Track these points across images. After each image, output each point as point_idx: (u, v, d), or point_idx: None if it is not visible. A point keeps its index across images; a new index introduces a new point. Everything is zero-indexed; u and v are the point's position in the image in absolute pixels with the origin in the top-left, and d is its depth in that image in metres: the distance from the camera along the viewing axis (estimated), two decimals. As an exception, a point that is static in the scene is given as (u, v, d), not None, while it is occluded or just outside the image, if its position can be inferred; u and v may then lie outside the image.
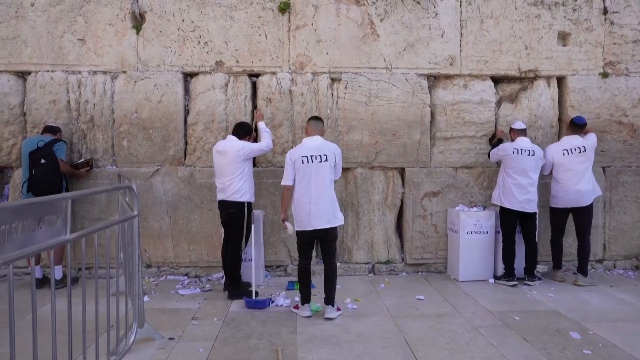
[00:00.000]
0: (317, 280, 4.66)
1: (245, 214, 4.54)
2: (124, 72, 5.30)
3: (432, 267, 5.56)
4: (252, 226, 4.68)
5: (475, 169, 5.57)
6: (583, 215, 5.10)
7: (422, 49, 5.47)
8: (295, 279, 4.89)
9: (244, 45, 5.35)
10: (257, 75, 5.45)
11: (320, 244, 4.29)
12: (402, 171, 5.54)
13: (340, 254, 5.57)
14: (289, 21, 5.38)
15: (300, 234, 4.19)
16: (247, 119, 5.38)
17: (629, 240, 5.69)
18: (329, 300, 4.18)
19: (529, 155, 4.92)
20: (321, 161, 4.12)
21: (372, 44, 5.43)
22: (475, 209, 5.32)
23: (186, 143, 5.40)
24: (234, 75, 5.40)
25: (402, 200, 5.55)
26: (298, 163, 4.12)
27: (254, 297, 4.39)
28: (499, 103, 5.70)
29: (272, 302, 4.44)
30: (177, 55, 5.33)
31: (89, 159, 5.16)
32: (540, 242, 5.50)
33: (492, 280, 5.16)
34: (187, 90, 5.44)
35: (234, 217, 4.52)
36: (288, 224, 4.27)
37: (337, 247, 4.40)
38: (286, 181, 4.19)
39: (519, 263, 5.11)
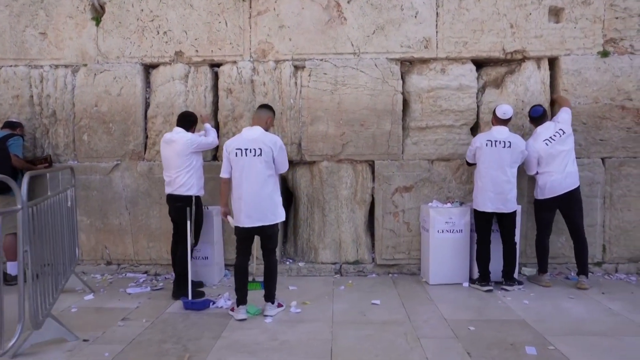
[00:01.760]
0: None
1: (193, 208, 4.31)
2: (85, 65, 5.20)
3: (405, 268, 5.12)
4: (200, 221, 4.45)
5: (453, 161, 5.07)
6: (574, 207, 4.53)
7: (393, 31, 5.02)
8: (255, 279, 4.63)
9: (203, 33, 5.12)
10: (219, 65, 5.20)
11: (260, 241, 4.02)
12: (372, 164, 5.12)
13: (307, 253, 5.24)
14: (250, 7, 5.09)
15: (236, 230, 3.93)
16: (207, 110, 5.15)
17: (633, 241, 5.00)
18: (268, 297, 3.96)
19: (504, 147, 4.38)
20: (255, 155, 3.81)
21: (339, 28, 5.05)
22: (449, 205, 4.82)
23: (147, 137, 5.24)
24: (195, 65, 5.17)
25: (372, 196, 5.14)
26: (232, 155, 3.88)
27: (190, 297, 4.13)
28: (483, 89, 5.16)
29: (213, 303, 4.18)
30: (137, 46, 5.17)
31: (46, 155, 5.10)
32: (528, 242, 4.96)
33: (466, 284, 4.67)
34: (149, 83, 5.28)
35: (181, 211, 4.31)
36: (230, 218, 4.01)
37: (277, 243, 4.08)
38: (223, 173, 3.97)
39: (499, 265, 4.59)
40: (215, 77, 5.23)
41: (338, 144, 5.07)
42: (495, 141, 4.40)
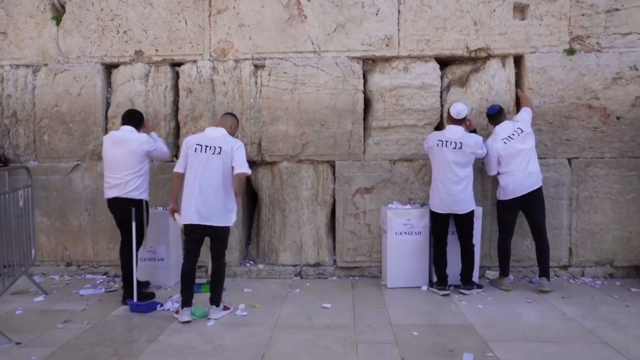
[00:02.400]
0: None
1: (145, 212, 4.23)
2: (45, 65, 5.17)
3: (366, 271, 5.02)
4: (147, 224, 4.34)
5: (415, 161, 4.96)
6: (536, 208, 4.41)
7: (354, 29, 4.93)
8: (206, 281, 4.57)
9: (163, 32, 5.06)
10: (180, 64, 5.14)
11: (210, 242, 3.94)
12: (333, 165, 5.03)
13: (268, 255, 5.16)
14: (210, 5, 5.02)
15: (185, 228, 3.86)
16: (167, 110, 5.10)
17: (600, 243, 4.86)
18: (213, 300, 3.89)
19: (454, 148, 4.26)
20: (214, 153, 3.80)
21: (299, 26, 4.97)
22: (408, 206, 4.72)
23: (108, 137, 5.20)
24: (155, 65, 5.12)
25: (334, 197, 5.05)
26: (191, 150, 3.84)
27: (136, 299, 4.06)
28: (448, 88, 5.05)
29: (161, 305, 4.11)
30: (97, 45, 5.12)
31: (0, 155, 5.07)
32: (492, 245, 4.84)
33: (425, 288, 4.56)
34: (110, 83, 5.24)
35: (128, 214, 4.15)
36: (177, 216, 3.95)
37: (227, 246, 4.01)
38: (177, 168, 3.92)
39: (460, 268, 4.48)
40: (177, 76, 5.17)
41: (298, 144, 4.99)
42: (447, 141, 4.28)
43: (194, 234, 3.86)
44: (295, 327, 3.63)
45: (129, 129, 4.27)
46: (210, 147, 3.81)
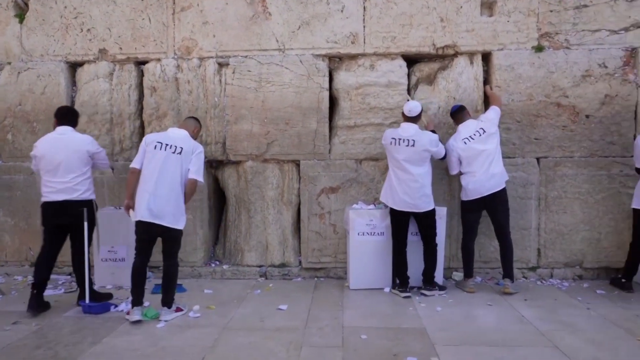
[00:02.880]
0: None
1: (95, 212, 4.16)
2: (9, 63, 5.13)
3: (332, 272, 4.94)
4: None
5: (382, 161, 4.87)
6: (499, 208, 4.32)
7: (319, 26, 4.86)
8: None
9: (127, 31, 5.00)
10: (144, 63, 5.09)
11: (161, 242, 3.88)
12: (299, 164, 4.96)
13: (234, 255, 5.09)
14: (174, 3, 4.96)
15: (138, 226, 3.80)
16: (131, 109, 5.05)
17: (569, 244, 4.76)
18: (165, 302, 3.83)
19: (407, 145, 4.17)
20: (174, 152, 3.79)
21: (263, 24, 4.90)
22: (372, 206, 4.64)
23: (72, 136, 5.15)
24: (120, 63, 5.06)
25: (299, 197, 4.97)
26: (150, 147, 3.81)
27: (88, 300, 4.00)
28: (416, 85, 4.97)
29: (115, 307, 4.05)
30: (61, 44, 5.07)
31: None
32: (460, 245, 4.73)
33: (388, 290, 4.48)
34: (75, 81, 5.18)
35: (80, 217, 3.99)
36: (132, 212, 3.88)
37: (179, 247, 3.95)
38: (134, 164, 3.86)
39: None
40: (141, 75, 5.11)
41: (263, 143, 4.92)
42: (400, 139, 4.20)
43: (144, 233, 3.80)
44: (245, 329, 3.56)
45: (69, 129, 4.08)
46: (171, 146, 3.79)
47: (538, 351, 3.12)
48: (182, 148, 3.79)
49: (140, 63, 5.10)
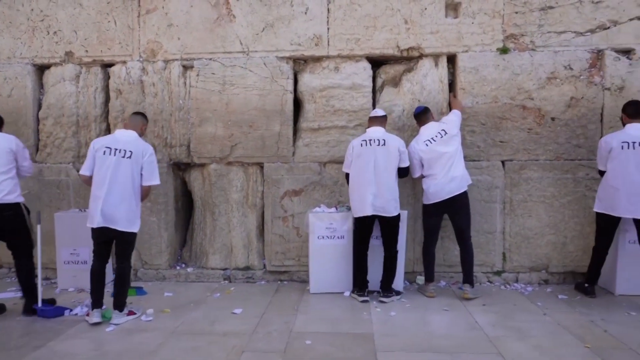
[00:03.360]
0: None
1: (26, 215, 4.05)
2: (-23, 66, 5.15)
3: (295, 275, 4.91)
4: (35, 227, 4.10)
5: (346, 164, 4.84)
6: (460, 212, 4.27)
7: (282, 28, 4.83)
8: (135, 284, 4.53)
9: (93, 33, 5.01)
10: (110, 65, 5.09)
11: (115, 245, 3.88)
12: (263, 167, 4.93)
13: (199, 258, 5.08)
14: (139, 5, 4.96)
15: (93, 231, 3.80)
16: (97, 112, 5.05)
17: (535, 248, 4.70)
18: (116, 305, 3.83)
19: (378, 145, 4.15)
20: (124, 156, 3.77)
21: (228, 26, 4.88)
22: (332, 209, 4.60)
23: (39, 139, 5.16)
24: (86, 66, 5.07)
25: (263, 200, 4.95)
26: (99, 153, 3.78)
27: (41, 304, 4.00)
28: (382, 88, 4.93)
29: (71, 310, 4.05)
30: (27, 46, 5.09)
31: None
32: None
33: (347, 294, 4.44)
34: (42, 84, 5.19)
35: (12, 220, 3.94)
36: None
37: (132, 250, 3.95)
38: (83, 170, 3.85)
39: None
40: (108, 77, 5.11)
41: (227, 146, 4.90)
42: (370, 140, 4.17)
43: (100, 237, 3.82)
44: (192, 334, 3.54)
45: None
46: (120, 150, 3.78)
47: (480, 358, 3.07)
48: (131, 152, 3.77)
49: (106, 65, 5.11)
